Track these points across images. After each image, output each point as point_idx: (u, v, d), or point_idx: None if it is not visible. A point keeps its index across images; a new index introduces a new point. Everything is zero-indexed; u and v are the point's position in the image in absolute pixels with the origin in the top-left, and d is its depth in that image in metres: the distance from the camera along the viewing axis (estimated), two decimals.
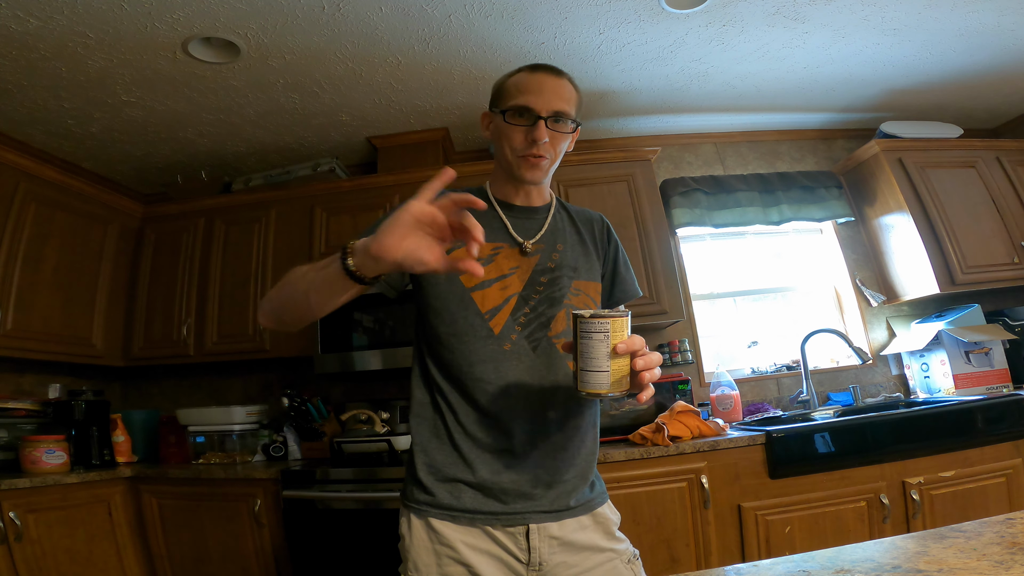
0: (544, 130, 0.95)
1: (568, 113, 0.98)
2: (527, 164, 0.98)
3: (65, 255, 2.43)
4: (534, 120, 0.95)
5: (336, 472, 2.00)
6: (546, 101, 0.95)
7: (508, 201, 1.06)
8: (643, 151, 2.66)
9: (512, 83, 1.00)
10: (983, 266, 2.59)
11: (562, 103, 0.97)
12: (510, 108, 0.97)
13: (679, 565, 1.82)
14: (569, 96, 0.99)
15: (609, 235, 1.12)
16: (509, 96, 0.99)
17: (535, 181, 1.01)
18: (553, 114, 0.96)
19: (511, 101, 0.97)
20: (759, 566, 0.56)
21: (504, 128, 0.98)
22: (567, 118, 0.98)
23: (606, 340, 0.73)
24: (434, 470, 0.95)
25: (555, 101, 0.96)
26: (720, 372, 2.47)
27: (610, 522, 0.99)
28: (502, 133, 0.99)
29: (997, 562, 0.49)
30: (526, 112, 0.96)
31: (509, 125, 0.97)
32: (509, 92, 0.99)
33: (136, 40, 1.98)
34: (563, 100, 0.97)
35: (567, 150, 1.05)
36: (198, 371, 2.92)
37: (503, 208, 1.05)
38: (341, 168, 2.78)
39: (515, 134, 0.97)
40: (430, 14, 1.99)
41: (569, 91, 0.99)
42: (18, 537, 1.82)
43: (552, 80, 0.98)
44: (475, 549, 0.91)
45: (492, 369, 0.95)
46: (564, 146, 1.02)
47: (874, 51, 2.43)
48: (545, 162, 0.99)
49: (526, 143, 0.96)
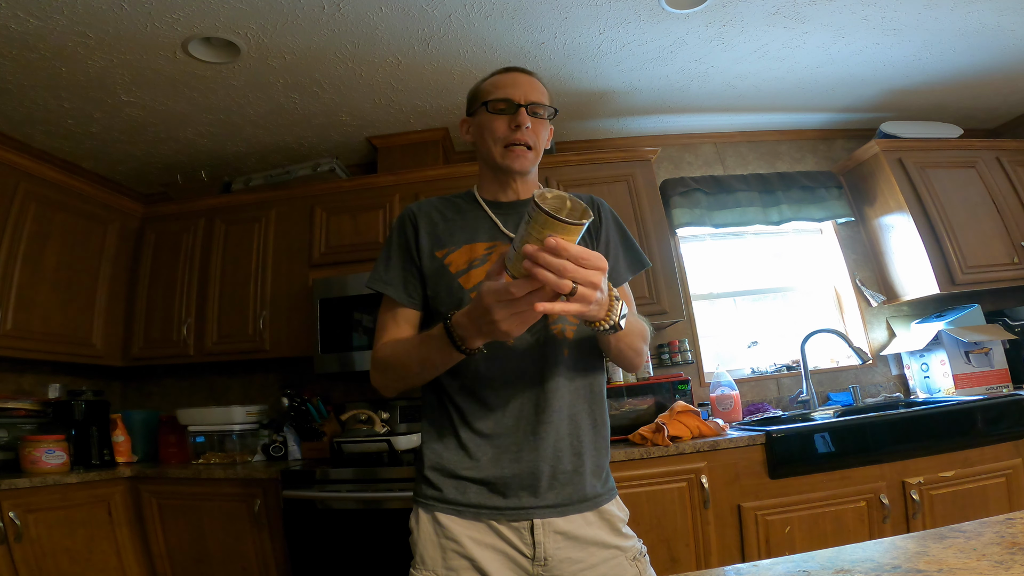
0: (526, 115, 1.01)
1: (544, 103, 1.05)
2: (512, 154, 1.02)
3: (65, 255, 2.43)
4: (515, 108, 1.01)
5: (336, 472, 2.00)
6: (523, 92, 1.03)
7: (496, 200, 1.08)
8: (643, 151, 2.66)
9: (488, 83, 1.07)
10: (983, 266, 2.59)
11: (537, 95, 1.04)
12: (491, 101, 1.03)
13: (679, 565, 1.82)
14: (542, 91, 1.06)
15: (600, 214, 1.10)
16: (487, 94, 1.05)
17: (522, 170, 1.04)
18: (531, 103, 1.02)
19: (490, 97, 1.04)
20: (759, 566, 0.56)
21: (486, 120, 1.04)
22: (545, 107, 1.04)
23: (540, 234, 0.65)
24: (441, 467, 0.97)
25: (532, 93, 1.04)
26: (720, 372, 2.46)
27: (617, 519, 0.99)
28: (484, 127, 1.05)
29: (997, 562, 0.49)
30: (507, 103, 1.02)
31: (492, 116, 1.03)
32: (486, 91, 1.06)
33: (136, 40, 1.98)
34: (538, 93, 1.05)
35: (546, 146, 1.09)
36: (198, 371, 2.92)
37: (492, 207, 1.07)
38: (341, 168, 2.78)
39: (498, 124, 1.03)
40: (430, 14, 1.99)
41: (541, 87, 1.07)
42: (18, 537, 1.82)
43: (525, 77, 1.06)
44: (480, 544, 0.92)
45: (496, 364, 0.96)
46: (544, 136, 1.07)
47: (874, 51, 2.43)
48: (531, 153, 1.03)
49: (509, 129, 1.02)
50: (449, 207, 1.09)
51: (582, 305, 0.70)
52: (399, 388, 1.01)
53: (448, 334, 0.82)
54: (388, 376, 1.00)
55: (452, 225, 1.05)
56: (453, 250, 1.02)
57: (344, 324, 2.42)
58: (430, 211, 1.08)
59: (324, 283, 2.47)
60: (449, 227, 1.05)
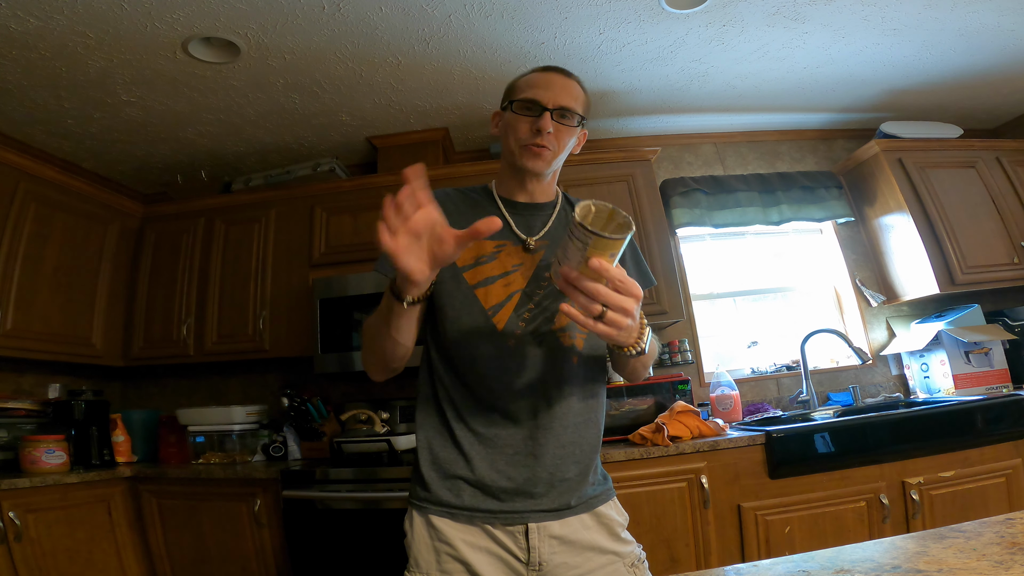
0: (549, 121, 0.97)
1: (574, 109, 1.00)
2: (529, 153, 1.00)
3: (65, 255, 2.43)
4: (540, 112, 0.98)
5: (336, 472, 2.00)
6: (554, 96, 0.99)
7: (512, 199, 1.07)
8: (643, 151, 2.66)
9: (523, 80, 1.04)
10: (983, 266, 2.59)
11: (569, 100, 1.00)
12: (518, 100, 1.00)
13: (679, 565, 1.82)
14: (577, 95, 1.02)
15: None
16: (519, 91, 1.02)
17: (536, 170, 1.02)
18: (559, 108, 0.98)
19: (520, 95, 1.01)
20: (759, 566, 0.56)
21: (511, 120, 1.02)
22: (573, 114, 1.00)
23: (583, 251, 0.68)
24: (436, 467, 0.96)
25: (562, 97, 0.99)
26: (720, 372, 2.46)
27: (615, 523, 0.98)
28: (509, 125, 1.02)
29: (997, 562, 0.49)
30: (533, 104, 0.99)
31: (516, 116, 1.00)
32: (519, 88, 1.03)
33: (136, 40, 1.98)
34: (570, 97, 1.00)
35: (574, 152, 1.07)
36: (198, 371, 2.92)
37: (506, 206, 1.06)
38: (341, 168, 2.78)
39: (521, 124, 1.00)
40: (430, 14, 1.99)
41: (577, 91, 1.02)
42: (18, 537, 1.82)
43: (561, 79, 1.02)
44: (474, 547, 0.91)
45: (496, 366, 0.95)
46: (569, 143, 1.03)
47: (874, 51, 2.43)
48: (548, 153, 1.00)
49: (530, 133, 0.99)
50: (464, 200, 1.07)
51: (610, 328, 0.72)
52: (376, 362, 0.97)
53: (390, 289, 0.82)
54: (364, 349, 0.99)
55: (464, 219, 1.02)
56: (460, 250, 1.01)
57: (344, 324, 2.42)
58: (444, 201, 1.05)
59: (324, 283, 2.47)
60: (461, 221, 1.01)
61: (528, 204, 1.07)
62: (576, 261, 0.69)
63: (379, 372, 1.00)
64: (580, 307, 0.71)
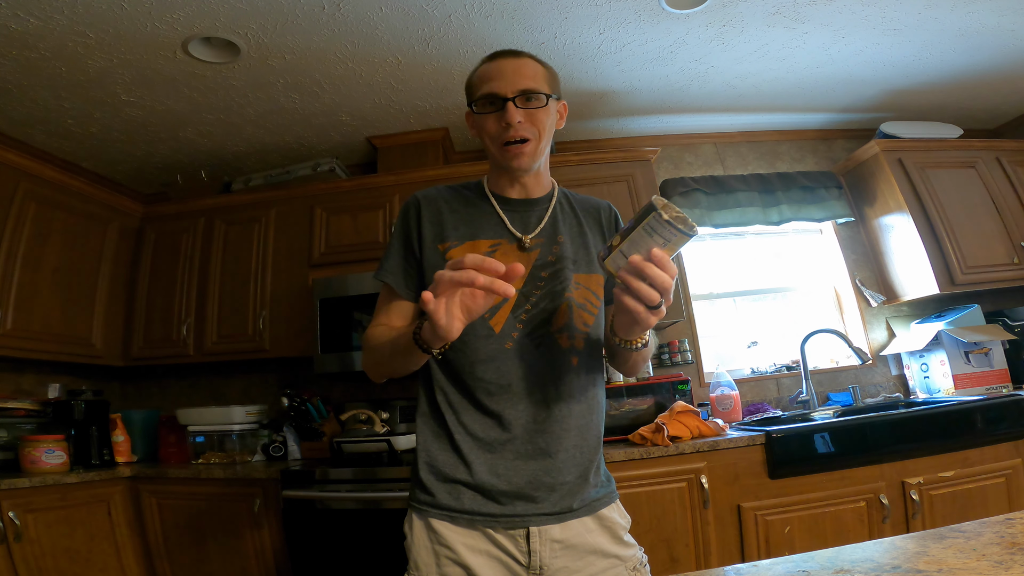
0: (514, 111, 0.93)
1: (536, 88, 0.96)
2: (509, 153, 0.97)
3: (65, 255, 2.43)
4: (502, 104, 0.94)
5: (336, 472, 2.00)
6: (509, 83, 0.95)
7: (504, 195, 1.04)
8: (643, 151, 2.66)
9: (476, 76, 1.01)
10: (983, 266, 2.59)
11: (527, 80, 0.95)
12: (477, 99, 0.97)
13: (679, 565, 1.82)
14: (533, 73, 0.97)
15: (618, 224, 1.09)
16: (476, 88, 0.99)
17: (523, 168, 0.98)
18: (520, 93, 0.94)
19: (478, 93, 0.98)
20: (759, 566, 0.56)
21: (479, 120, 0.99)
22: (537, 93, 0.96)
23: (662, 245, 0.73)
24: (435, 470, 0.95)
25: (519, 80, 0.95)
26: (720, 372, 2.46)
27: (618, 526, 0.97)
28: (479, 126, 1.00)
29: (997, 562, 0.49)
30: (493, 98, 0.95)
31: (481, 115, 0.98)
32: (475, 85, 1.00)
33: (136, 40, 1.98)
34: (527, 78, 0.96)
35: (557, 126, 1.03)
36: (198, 371, 2.92)
37: (499, 202, 1.03)
38: (341, 168, 2.78)
39: (489, 122, 0.97)
40: (430, 14, 1.99)
41: (533, 68, 0.98)
42: (17, 537, 1.82)
43: (511, 62, 0.97)
44: (474, 551, 0.90)
45: (493, 369, 0.94)
46: (548, 122, 0.98)
47: (874, 51, 2.43)
48: (528, 145, 0.96)
49: (500, 128, 0.95)
50: (457, 198, 1.05)
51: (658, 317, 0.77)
52: (380, 373, 0.99)
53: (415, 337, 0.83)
54: (368, 359, 1.00)
55: (457, 217, 1.01)
56: (455, 245, 0.99)
57: (344, 324, 2.42)
58: (437, 200, 1.03)
59: (324, 283, 2.47)
60: (454, 219, 1.01)
61: (522, 200, 1.04)
62: (645, 252, 0.73)
63: (380, 379, 1.01)
64: (640, 296, 0.74)
